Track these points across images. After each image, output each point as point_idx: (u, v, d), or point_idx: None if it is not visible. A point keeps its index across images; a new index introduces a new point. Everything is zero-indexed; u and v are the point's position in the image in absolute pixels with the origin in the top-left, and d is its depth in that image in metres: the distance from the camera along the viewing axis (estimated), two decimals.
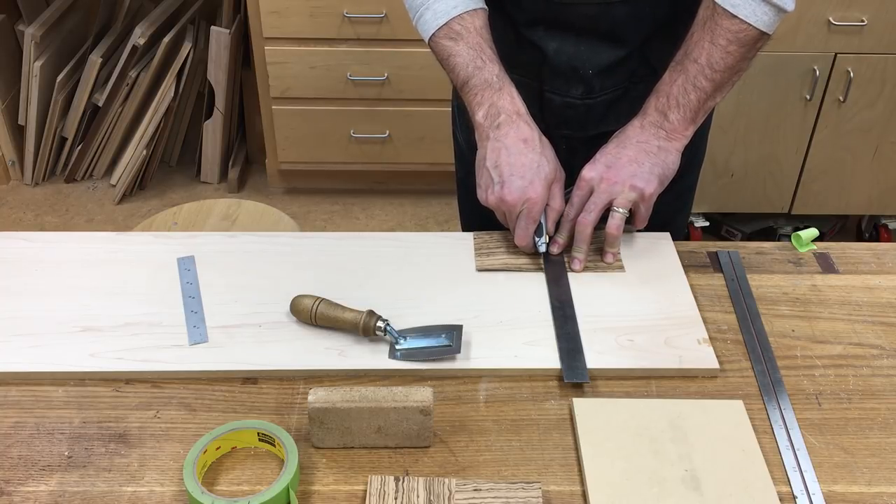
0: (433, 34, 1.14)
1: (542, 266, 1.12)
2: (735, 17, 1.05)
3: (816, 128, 2.39)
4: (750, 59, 1.09)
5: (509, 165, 1.08)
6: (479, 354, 1.00)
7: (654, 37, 1.19)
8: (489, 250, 1.15)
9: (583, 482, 0.87)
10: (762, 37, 1.07)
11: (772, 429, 0.93)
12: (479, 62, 1.12)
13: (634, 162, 1.09)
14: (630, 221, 1.12)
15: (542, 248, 1.12)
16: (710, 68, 1.07)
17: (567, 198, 1.13)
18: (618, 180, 1.08)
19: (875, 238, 2.68)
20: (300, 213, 2.80)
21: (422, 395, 0.88)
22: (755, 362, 1.01)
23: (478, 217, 1.35)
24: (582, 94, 1.23)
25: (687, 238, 2.63)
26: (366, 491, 0.85)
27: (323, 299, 1.02)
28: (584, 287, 1.10)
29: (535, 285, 1.10)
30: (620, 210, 1.08)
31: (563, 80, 1.22)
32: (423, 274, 1.12)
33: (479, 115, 1.12)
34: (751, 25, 1.06)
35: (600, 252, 1.14)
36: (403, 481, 0.85)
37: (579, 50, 1.19)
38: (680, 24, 1.14)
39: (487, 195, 1.11)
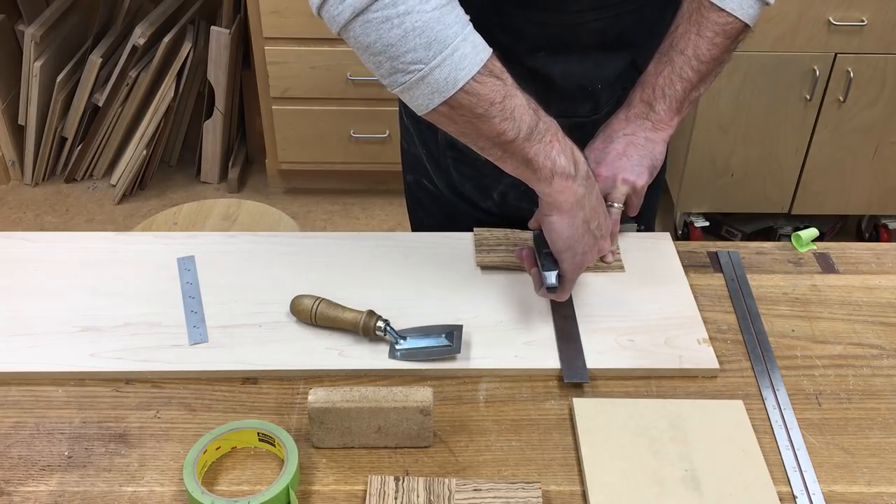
0: (476, 73, 0.89)
1: None
2: (722, 10, 1.06)
3: (816, 128, 2.39)
4: (732, 52, 1.10)
5: (606, 218, 1.03)
6: (479, 354, 1.00)
7: (649, 36, 1.19)
8: (489, 247, 1.15)
9: (583, 482, 0.87)
10: (745, 29, 1.09)
11: (772, 429, 0.93)
12: (532, 103, 0.94)
13: (623, 156, 1.09)
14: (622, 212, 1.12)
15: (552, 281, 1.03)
16: (697, 59, 1.08)
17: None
18: (609, 176, 1.08)
19: (875, 238, 2.68)
20: (300, 213, 2.80)
21: (422, 395, 0.88)
22: (755, 362, 1.01)
23: (434, 221, 1.35)
24: (590, 111, 1.21)
25: (683, 237, 2.63)
26: (366, 491, 0.85)
27: (323, 299, 1.02)
28: (584, 287, 1.10)
29: None
30: (616, 205, 1.09)
31: (570, 101, 1.19)
32: (423, 274, 1.12)
33: (562, 163, 0.96)
34: (737, 18, 1.07)
35: None
36: (403, 481, 0.85)
37: (586, 66, 1.17)
38: (663, 19, 1.15)
39: (591, 257, 1.03)
